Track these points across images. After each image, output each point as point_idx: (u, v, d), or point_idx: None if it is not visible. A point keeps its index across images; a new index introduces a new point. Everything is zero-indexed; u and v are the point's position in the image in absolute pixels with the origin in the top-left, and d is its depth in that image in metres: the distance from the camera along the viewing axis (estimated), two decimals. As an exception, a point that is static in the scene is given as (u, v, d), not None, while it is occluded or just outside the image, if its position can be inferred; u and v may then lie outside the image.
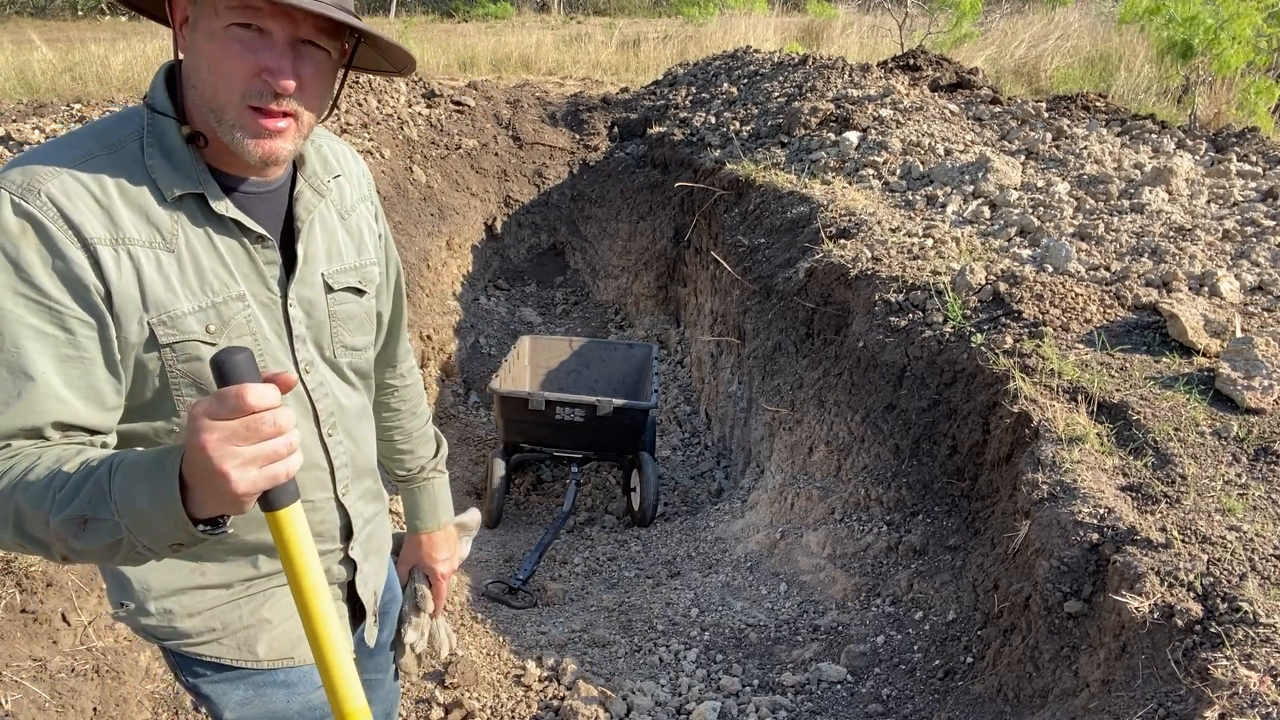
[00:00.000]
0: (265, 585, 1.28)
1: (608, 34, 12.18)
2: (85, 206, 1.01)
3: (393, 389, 1.58)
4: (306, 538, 0.95)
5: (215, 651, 1.27)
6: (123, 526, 0.90)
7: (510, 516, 4.31)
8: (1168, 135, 5.45)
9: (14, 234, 0.97)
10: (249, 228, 1.12)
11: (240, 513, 0.90)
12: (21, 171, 1.00)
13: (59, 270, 0.99)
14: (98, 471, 0.91)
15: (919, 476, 2.88)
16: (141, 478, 0.89)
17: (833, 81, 6.28)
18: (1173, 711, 1.61)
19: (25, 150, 4.84)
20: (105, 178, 1.03)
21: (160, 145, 1.07)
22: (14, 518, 0.93)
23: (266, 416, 0.85)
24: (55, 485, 0.92)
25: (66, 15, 16.18)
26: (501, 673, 2.79)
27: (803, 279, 3.87)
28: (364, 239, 1.32)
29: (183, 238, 1.08)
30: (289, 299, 1.18)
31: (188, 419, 0.86)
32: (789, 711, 2.51)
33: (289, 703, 1.33)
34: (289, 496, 0.92)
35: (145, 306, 1.05)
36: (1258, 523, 1.99)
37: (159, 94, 1.09)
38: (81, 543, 0.91)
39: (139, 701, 2.30)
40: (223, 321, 1.11)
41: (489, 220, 6.89)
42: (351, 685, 1.02)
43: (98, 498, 0.90)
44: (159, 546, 0.92)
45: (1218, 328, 2.71)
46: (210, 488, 0.86)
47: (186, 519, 0.88)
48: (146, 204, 1.06)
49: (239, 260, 1.13)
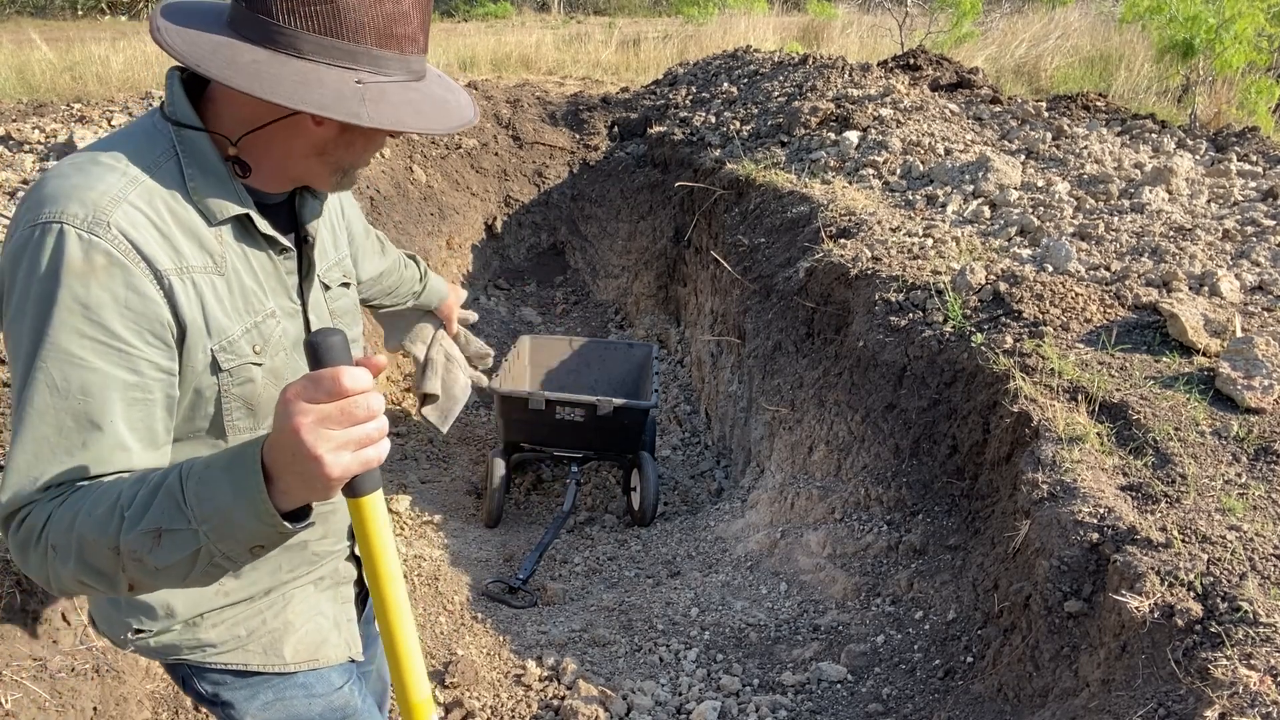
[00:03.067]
0: (286, 589, 1.29)
1: (608, 34, 12.18)
2: (151, 237, 0.97)
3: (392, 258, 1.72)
4: (387, 525, 0.93)
5: (242, 659, 1.26)
6: (201, 534, 0.85)
7: (510, 516, 4.31)
8: (1168, 135, 5.45)
9: (84, 273, 0.91)
10: (279, 242, 1.12)
11: (326, 499, 0.87)
12: (79, 202, 0.94)
13: (132, 308, 0.94)
14: (167, 482, 0.88)
15: (919, 476, 2.88)
16: (220, 474, 0.85)
17: (833, 81, 6.28)
18: (1173, 711, 1.61)
19: (33, 149, 4.80)
20: (159, 203, 0.99)
21: (199, 165, 1.03)
22: (76, 549, 0.88)
23: (360, 400, 0.83)
24: (121, 504, 0.87)
25: (66, 15, 16.18)
26: (501, 672, 2.79)
27: (803, 279, 3.87)
28: (337, 229, 1.34)
29: (230, 260, 1.07)
30: (307, 305, 1.20)
31: (279, 402, 0.82)
32: (789, 711, 2.51)
33: (310, 705, 1.33)
34: (374, 483, 0.90)
35: (209, 333, 1.03)
36: (1258, 522, 1.99)
37: (181, 105, 1.04)
38: (157, 559, 0.86)
39: (139, 701, 2.30)
40: (264, 340, 1.10)
41: (489, 220, 6.89)
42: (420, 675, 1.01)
43: (171, 508, 0.86)
44: (239, 551, 0.88)
45: (1218, 327, 2.71)
46: (300, 473, 0.82)
47: (273, 510, 0.84)
48: (198, 228, 1.03)
49: (268, 275, 1.13)
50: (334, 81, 0.97)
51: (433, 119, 1.02)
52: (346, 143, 1.06)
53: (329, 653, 1.34)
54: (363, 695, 1.41)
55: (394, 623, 0.97)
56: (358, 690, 1.40)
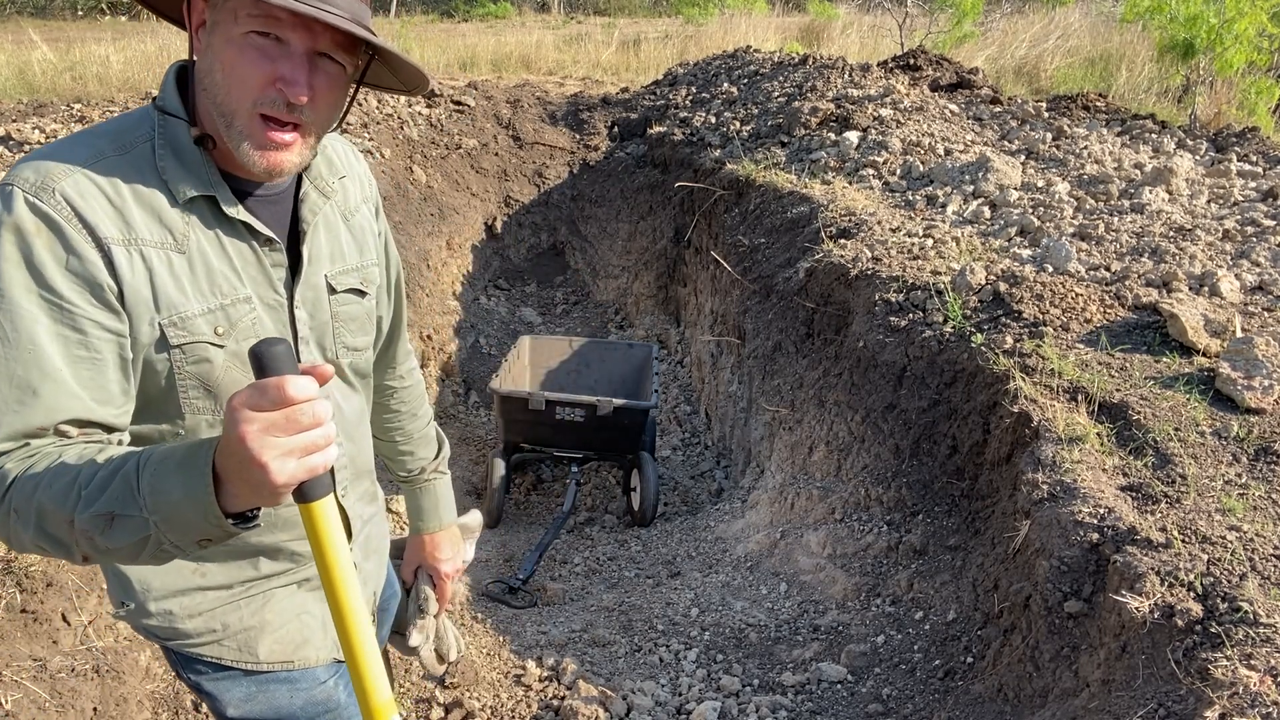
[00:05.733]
0: (265, 586, 1.29)
1: (608, 34, 12.18)
2: (99, 206, 1.01)
3: (393, 390, 1.57)
4: (339, 530, 0.95)
5: (216, 652, 1.27)
6: (151, 523, 0.88)
7: (510, 516, 4.31)
8: (1168, 135, 5.45)
9: (29, 232, 0.97)
10: (258, 231, 1.13)
11: (274, 505, 0.89)
12: (34, 169, 0.99)
13: (73, 269, 0.98)
14: (124, 468, 0.90)
15: (919, 476, 2.88)
16: (173, 471, 0.88)
17: (833, 81, 6.28)
18: (1173, 711, 1.61)
19: (33, 149, 4.86)
20: (118, 178, 1.03)
21: (172, 147, 1.07)
22: (35, 517, 0.92)
23: (306, 408, 0.84)
24: (80, 482, 0.90)
25: (66, 15, 16.18)
26: (501, 672, 2.79)
27: (803, 279, 3.87)
28: (366, 240, 1.33)
29: (194, 240, 1.08)
30: (295, 301, 1.19)
31: (226, 410, 0.84)
32: (789, 711, 2.51)
33: (292, 698, 1.34)
34: (324, 489, 0.92)
35: (157, 307, 1.05)
36: (1258, 523, 1.99)
37: (170, 95, 1.09)
38: (107, 540, 0.90)
39: (139, 701, 2.30)
40: (230, 323, 1.11)
41: (489, 220, 6.89)
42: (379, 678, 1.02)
43: (125, 494, 0.89)
44: (186, 543, 0.91)
45: (1218, 328, 2.71)
46: (247, 479, 0.85)
47: (219, 512, 0.87)
48: (159, 205, 1.06)
49: (247, 263, 1.13)
50: None
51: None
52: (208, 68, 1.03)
53: (309, 653, 1.34)
54: (347, 690, 1.41)
55: (350, 627, 0.98)
56: (342, 685, 1.40)
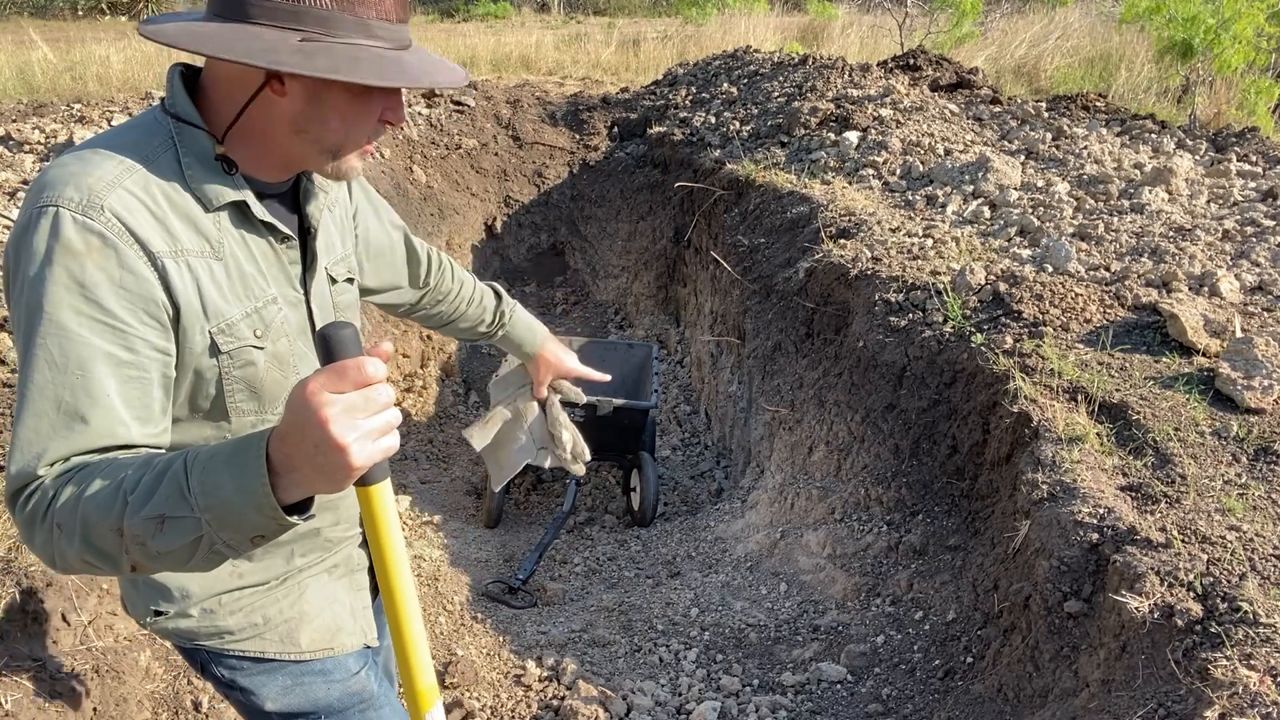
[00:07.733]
0: (300, 578, 1.32)
1: (607, 34, 12.17)
2: (145, 220, 1.00)
3: (434, 293, 1.65)
4: (394, 513, 0.95)
5: (259, 646, 1.29)
6: (203, 522, 0.87)
7: (510, 516, 4.31)
8: (1168, 135, 5.45)
9: (79, 252, 0.95)
10: (279, 230, 1.15)
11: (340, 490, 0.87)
12: (74, 187, 0.97)
13: (126, 286, 0.97)
14: (172, 468, 0.89)
15: (919, 476, 2.88)
16: (223, 466, 0.86)
17: (833, 81, 6.28)
18: (1173, 711, 1.61)
19: (33, 149, 4.81)
20: (155, 190, 1.03)
21: (195, 154, 1.07)
22: (80, 529, 0.90)
23: (382, 389, 0.85)
24: (125, 488, 0.89)
25: (66, 15, 16.18)
26: (501, 672, 2.79)
27: (803, 279, 3.87)
28: (346, 228, 1.37)
29: (227, 246, 1.09)
30: (310, 296, 1.22)
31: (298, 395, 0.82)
32: (789, 711, 2.51)
33: (329, 690, 1.36)
34: (384, 472, 0.92)
35: (206, 315, 1.06)
36: (1258, 523, 1.99)
37: (183, 102, 1.08)
38: (159, 544, 0.88)
39: (139, 701, 2.30)
40: (265, 324, 1.13)
41: (489, 220, 6.89)
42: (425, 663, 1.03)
43: (175, 494, 0.87)
44: (240, 540, 0.89)
45: (1218, 328, 2.71)
46: (321, 465, 0.83)
47: (275, 503, 0.85)
48: (194, 214, 1.06)
49: (269, 263, 1.15)
50: (273, 38, 0.98)
51: (372, 72, 1.00)
52: (320, 118, 1.06)
53: (344, 640, 1.37)
54: (378, 680, 1.44)
55: (401, 610, 0.99)
56: (373, 675, 1.42)
